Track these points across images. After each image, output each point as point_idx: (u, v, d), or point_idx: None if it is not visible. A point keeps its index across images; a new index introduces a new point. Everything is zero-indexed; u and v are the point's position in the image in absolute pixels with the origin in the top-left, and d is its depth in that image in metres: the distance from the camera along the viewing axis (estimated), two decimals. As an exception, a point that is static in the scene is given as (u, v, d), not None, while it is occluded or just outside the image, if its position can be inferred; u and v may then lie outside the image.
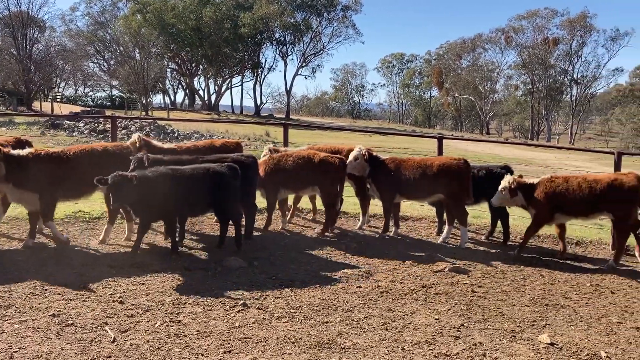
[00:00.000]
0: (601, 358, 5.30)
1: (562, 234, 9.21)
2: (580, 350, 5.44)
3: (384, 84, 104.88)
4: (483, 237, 10.11)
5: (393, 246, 9.25)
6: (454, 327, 5.88)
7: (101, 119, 33.08)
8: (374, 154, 10.00)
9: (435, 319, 6.11)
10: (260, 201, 9.81)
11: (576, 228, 10.36)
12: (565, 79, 79.21)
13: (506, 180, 8.94)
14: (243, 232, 8.69)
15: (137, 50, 64.12)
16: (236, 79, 77.91)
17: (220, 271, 7.40)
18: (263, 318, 5.88)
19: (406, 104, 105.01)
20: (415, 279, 7.55)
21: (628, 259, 9.17)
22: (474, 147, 35.98)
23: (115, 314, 5.82)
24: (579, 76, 78.31)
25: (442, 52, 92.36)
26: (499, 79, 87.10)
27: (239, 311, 6.04)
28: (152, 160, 8.28)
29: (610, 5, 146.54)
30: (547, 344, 5.55)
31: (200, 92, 78.42)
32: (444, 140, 12.43)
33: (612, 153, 10.61)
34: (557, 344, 5.56)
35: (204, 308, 6.09)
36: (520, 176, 9.12)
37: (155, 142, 9.72)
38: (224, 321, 5.76)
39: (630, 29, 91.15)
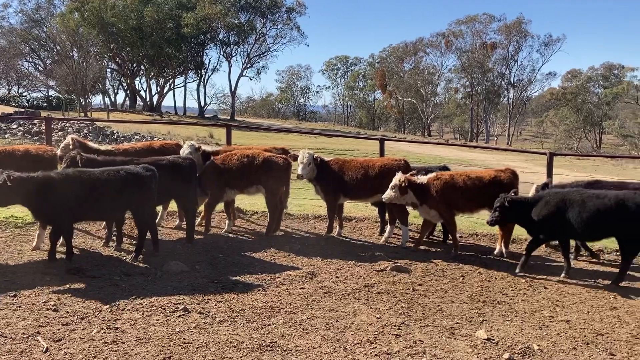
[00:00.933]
0: (534, 351, 5.52)
1: (453, 227, 9.47)
2: (515, 344, 5.64)
3: (329, 86, 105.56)
4: (424, 237, 10.32)
5: (337, 247, 9.32)
6: (395, 326, 5.98)
7: (36, 121, 31.72)
8: (319, 156, 10.10)
9: (377, 317, 6.19)
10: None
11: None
12: (503, 83, 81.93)
13: (396, 179, 9.11)
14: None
15: (75, 49, 61.81)
16: (179, 80, 76.39)
17: (160, 276, 7.25)
18: (204, 322, 5.79)
19: (351, 106, 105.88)
20: (358, 278, 7.63)
21: (559, 255, 9.57)
22: (416, 149, 36.69)
23: (48, 322, 5.59)
24: (515, 80, 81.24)
25: (385, 55, 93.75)
26: (440, 82, 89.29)
27: (179, 316, 5.93)
28: (85, 160, 8.03)
29: (543, 12, 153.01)
30: (484, 339, 5.72)
31: (142, 92, 76.54)
32: (388, 142, 12.63)
33: (545, 154, 11.06)
34: (494, 339, 5.75)
35: (143, 314, 5.94)
36: (413, 174, 9.30)
37: (91, 144, 9.45)
38: (163, 327, 5.64)
39: (561, 35, 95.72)
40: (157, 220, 9.90)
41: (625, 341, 5.91)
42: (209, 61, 76.86)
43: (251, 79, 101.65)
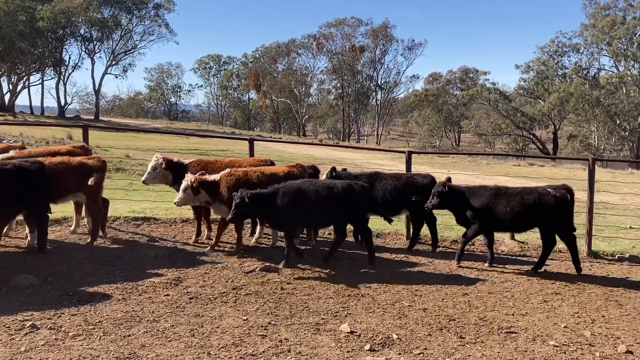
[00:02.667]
0: (393, 340, 5.78)
1: (239, 228, 9.41)
2: (376, 335, 5.88)
3: (201, 85, 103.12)
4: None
5: (205, 250, 9.11)
6: (262, 326, 5.96)
7: None
8: (175, 159, 9.80)
9: (244, 319, 6.14)
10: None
11: (377, 221, 11.15)
12: (371, 85, 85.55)
13: (187, 180, 8.93)
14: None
15: None
16: (35, 77, 70.48)
17: (6, 292, 6.62)
18: (55, 339, 5.37)
19: (225, 106, 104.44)
20: (227, 281, 7.53)
21: (421, 246, 10.16)
22: (291, 149, 36.99)
23: None
24: (382, 82, 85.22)
25: (258, 55, 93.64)
26: (313, 83, 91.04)
27: (26, 334, 5.45)
28: None
29: (406, 18, 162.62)
30: (347, 332, 5.89)
31: (-8, 91, 69.56)
32: (265, 142, 12.62)
33: (404, 152, 11.68)
34: (356, 332, 5.94)
35: (-18, 335, 5.37)
36: (203, 174, 9.11)
37: None
38: (6, 347, 5.14)
39: (423, 40, 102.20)
40: (4, 230, 9.06)
41: (473, 324, 6.40)
42: (69, 58, 71.61)
43: (117, 77, 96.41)
